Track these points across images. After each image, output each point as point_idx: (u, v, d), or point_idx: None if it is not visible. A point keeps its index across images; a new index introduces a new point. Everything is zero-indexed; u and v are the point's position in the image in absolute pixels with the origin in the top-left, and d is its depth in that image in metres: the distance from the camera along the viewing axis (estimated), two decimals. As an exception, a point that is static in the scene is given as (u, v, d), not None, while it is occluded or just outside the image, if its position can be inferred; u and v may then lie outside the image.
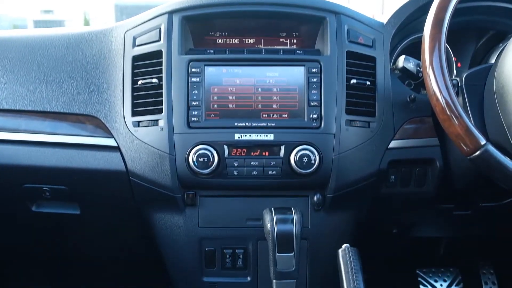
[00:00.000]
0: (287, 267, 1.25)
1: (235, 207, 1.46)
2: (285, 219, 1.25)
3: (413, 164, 1.48)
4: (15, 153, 1.43)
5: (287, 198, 1.45)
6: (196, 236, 1.47)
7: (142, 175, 1.40)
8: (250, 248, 1.49)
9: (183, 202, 1.43)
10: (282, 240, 1.23)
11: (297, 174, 1.37)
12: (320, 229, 1.47)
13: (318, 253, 1.49)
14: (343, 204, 1.46)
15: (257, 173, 1.38)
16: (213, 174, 1.37)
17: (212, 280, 1.51)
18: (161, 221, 1.48)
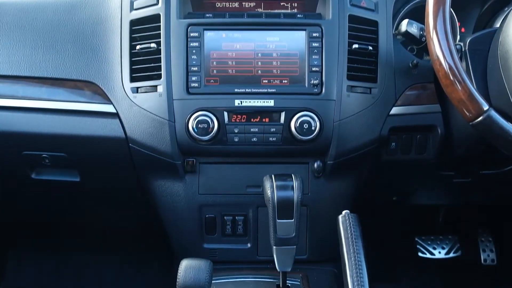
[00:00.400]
0: (287, 233, 1.25)
1: (235, 174, 1.46)
2: (285, 186, 1.25)
3: (414, 131, 1.46)
4: (13, 120, 1.42)
5: (287, 165, 1.44)
6: (196, 203, 1.47)
7: (141, 142, 1.39)
8: (250, 215, 1.49)
9: (183, 169, 1.43)
10: (282, 207, 1.23)
11: (298, 141, 1.36)
12: (320, 196, 1.47)
13: (318, 219, 1.49)
14: (343, 171, 1.45)
15: (257, 140, 1.37)
16: (213, 141, 1.36)
17: (213, 246, 1.51)
18: (161, 188, 1.47)
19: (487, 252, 2.22)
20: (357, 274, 1.03)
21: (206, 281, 1.08)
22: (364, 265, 1.04)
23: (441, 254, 2.22)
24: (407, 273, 2.25)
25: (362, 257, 1.05)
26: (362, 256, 1.06)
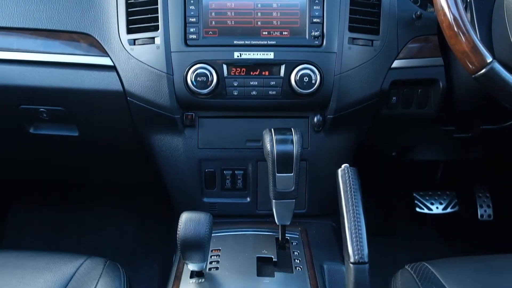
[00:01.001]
0: (286, 187, 1.25)
1: (234, 128, 1.45)
2: (285, 140, 1.24)
3: (416, 85, 1.44)
4: (9, 73, 1.39)
5: (286, 119, 1.43)
6: (196, 157, 1.46)
7: (139, 96, 1.37)
8: (250, 169, 1.49)
9: (182, 123, 1.42)
10: (281, 160, 1.23)
11: (297, 95, 1.35)
12: (320, 150, 1.46)
13: (317, 174, 1.49)
14: (343, 125, 1.44)
15: (257, 93, 1.35)
16: (212, 94, 1.35)
17: (212, 201, 1.52)
18: (160, 143, 1.47)
19: (484, 208, 2.24)
20: (355, 227, 1.03)
21: (206, 234, 1.08)
22: (363, 217, 1.04)
23: (439, 209, 2.24)
24: (404, 228, 2.27)
25: (360, 210, 1.05)
26: (360, 208, 1.06)
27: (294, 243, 1.36)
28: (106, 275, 1.16)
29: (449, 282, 1.15)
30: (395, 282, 1.18)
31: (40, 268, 1.18)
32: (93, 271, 1.17)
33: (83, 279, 1.15)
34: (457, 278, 1.16)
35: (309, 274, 1.24)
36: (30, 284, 1.13)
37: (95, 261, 1.21)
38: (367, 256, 1.00)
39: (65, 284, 1.14)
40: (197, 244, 1.08)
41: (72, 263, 1.20)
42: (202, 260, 1.13)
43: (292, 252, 1.31)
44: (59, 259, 1.21)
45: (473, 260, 1.25)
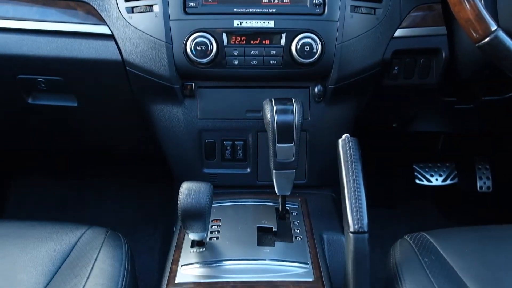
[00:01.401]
0: (286, 158, 1.24)
1: (234, 99, 1.43)
2: (285, 110, 1.23)
3: (418, 54, 1.43)
4: (5, 41, 1.37)
5: (287, 89, 1.42)
6: (196, 128, 1.45)
7: (138, 65, 1.35)
8: (250, 139, 1.48)
9: (181, 93, 1.40)
10: (282, 131, 1.22)
11: (298, 64, 1.33)
12: (320, 121, 1.46)
13: (317, 145, 1.48)
14: (344, 95, 1.43)
15: (257, 63, 1.34)
16: (212, 64, 1.33)
17: (212, 171, 1.52)
18: (160, 113, 1.46)
19: (483, 180, 2.24)
20: (355, 196, 1.03)
21: (206, 204, 1.08)
22: (363, 187, 1.04)
23: (438, 181, 2.25)
24: (404, 200, 2.28)
25: (360, 180, 1.05)
26: (360, 179, 1.05)
27: (294, 213, 1.36)
28: (107, 244, 1.17)
29: (447, 251, 1.15)
30: (394, 252, 1.19)
31: (42, 237, 1.18)
32: (94, 241, 1.18)
33: (84, 248, 1.16)
34: (455, 248, 1.17)
35: (308, 243, 1.24)
36: (32, 253, 1.14)
37: (96, 231, 1.21)
38: (366, 225, 1.00)
39: (67, 254, 1.15)
40: (198, 214, 1.09)
41: (74, 232, 1.20)
42: (203, 230, 1.13)
43: (292, 222, 1.32)
44: (61, 229, 1.21)
45: (471, 231, 1.26)
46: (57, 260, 1.13)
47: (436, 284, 1.06)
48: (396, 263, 1.14)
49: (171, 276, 1.14)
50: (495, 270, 1.09)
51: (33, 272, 1.09)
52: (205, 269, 1.15)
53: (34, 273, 1.09)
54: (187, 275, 1.14)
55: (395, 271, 1.12)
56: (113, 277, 1.09)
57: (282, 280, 1.12)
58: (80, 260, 1.12)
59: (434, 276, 1.08)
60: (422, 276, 1.08)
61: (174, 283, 1.12)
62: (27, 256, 1.12)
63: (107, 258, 1.12)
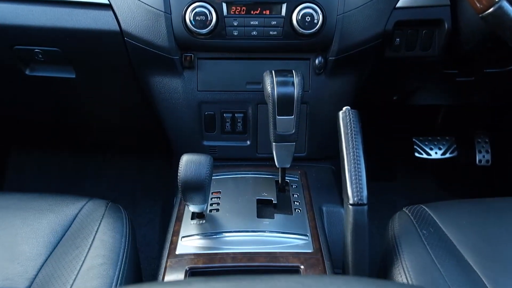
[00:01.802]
0: (286, 130, 1.24)
1: (234, 70, 1.42)
2: (286, 82, 1.22)
3: (420, 26, 1.41)
4: (1, 11, 1.34)
5: (287, 61, 1.41)
6: (195, 100, 1.44)
7: (137, 36, 1.34)
8: (250, 112, 1.47)
9: (181, 64, 1.39)
10: (282, 103, 1.21)
11: (299, 35, 1.32)
12: (321, 93, 1.45)
13: (317, 117, 1.48)
14: (345, 67, 1.42)
15: (257, 34, 1.32)
16: (211, 34, 1.32)
17: (212, 144, 1.52)
18: (159, 85, 1.44)
19: (483, 153, 2.24)
20: (355, 169, 1.03)
21: (206, 176, 1.08)
22: (363, 160, 1.04)
23: (438, 154, 2.25)
24: (403, 173, 2.29)
25: (360, 152, 1.05)
26: (361, 151, 1.05)
27: (293, 186, 1.36)
28: (108, 216, 1.17)
29: (445, 224, 1.16)
30: (392, 224, 1.20)
31: (43, 209, 1.19)
32: (95, 212, 1.18)
33: (85, 220, 1.16)
34: (453, 220, 1.17)
35: (308, 215, 1.25)
36: (33, 225, 1.14)
37: (97, 203, 1.22)
38: (366, 198, 1.01)
39: (68, 225, 1.16)
40: (198, 186, 1.09)
41: (74, 204, 1.21)
42: (203, 202, 1.14)
43: (291, 194, 1.32)
44: (62, 201, 1.22)
45: (470, 203, 1.26)
46: (58, 232, 1.13)
47: (434, 256, 1.07)
48: (394, 235, 1.15)
49: (171, 247, 1.15)
50: (493, 242, 1.10)
51: (35, 243, 1.10)
52: (205, 241, 1.16)
53: (35, 244, 1.10)
54: (188, 247, 1.15)
55: (394, 243, 1.13)
56: (114, 248, 1.09)
57: (281, 252, 1.13)
58: (81, 231, 1.13)
59: (432, 248, 1.09)
60: (420, 248, 1.09)
61: (175, 254, 1.13)
62: (28, 228, 1.13)
63: (108, 229, 1.12)
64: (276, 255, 1.12)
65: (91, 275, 1.03)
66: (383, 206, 2.12)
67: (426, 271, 1.04)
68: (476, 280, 1.02)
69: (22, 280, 1.03)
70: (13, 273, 1.03)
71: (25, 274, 1.04)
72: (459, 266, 1.05)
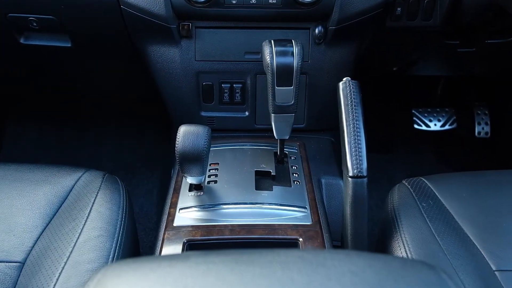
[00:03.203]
0: (286, 101, 1.22)
1: (232, 40, 1.39)
2: (285, 52, 1.19)
3: None
4: None
5: (287, 31, 1.38)
6: (193, 70, 1.42)
7: (133, 4, 1.31)
8: (248, 82, 1.45)
9: (178, 33, 1.36)
10: (281, 73, 1.19)
11: (299, 3, 1.29)
12: (320, 63, 1.42)
13: (317, 88, 1.46)
14: (345, 37, 1.39)
15: (256, 2, 1.29)
16: (209, 3, 1.29)
17: (210, 114, 1.50)
18: (156, 54, 1.42)
19: (482, 125, 2.23)
20: (355, 141, 1.02)
21: (204, 147, 1.07)
22: (363, 132, 1.03)
23: (437, 126, 2.23)
24: (401, 144, 2.28)
25: (361, 124, 1.04)
26: (361, 123, 1.04)
27: (292, 157, 1.35)
28: (105, 187, 1.16)
29: (445, 196, 1.16)
30: (392, 196, 1.19)
31: (39, 180, 1.18)
32: (91, 184, 1.17)
33: (82, 191, 1.15)
34: (453, 193, 1.17)
35: (307, 187, 1.24)
36: (29, 196, 1.13)
37: (93, 174, 1.21)
38: (366, 170, 1.00)
39: (65, 197, 1.15)
40: (196, 157, 1.08)
41: (71, 176, 1.19)
42: (201, 173, 1.13)
43: (290, 166, 1.31)
44: (58, 172, 1.21)
45: (469, 176, 1.26)
46: (54, 204, 1.13)
47: (433, 228, 1.07)
48: (394, 207, 1.15)
49: (169, 219, 1.14)
50: (492, 215, 1.10)
51: (31, 215, 1.09)
52: (203, 213, 1.15)
53: (31, 216, 1.09)
54: (185, 218, 1.14)
55: (393, 215, 1.13)
56: (111, 221, 1.09)
57: (280, 224, 1.12)
58: (78, 203, 1.12)
59: (432, 220, 1.09)
60: (420, 220, 1.09)
61: (173, 226, 1.12)
62: (24, 199, 1.12)
63: (105, 201, 1.12)
64: (275, 228, 1.11)
65: (88, 247, 1.02)
66: (381, 178, 2.12)
67: (425, 244, 1.04)
68: (475, 254, 1.02)
69: (18, 252, 1.02)
70: (9, 245, 1.03)
71: (21, 246, 1.03)
72: (458, 239, 1.05)
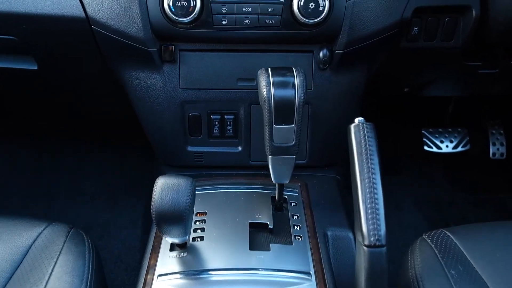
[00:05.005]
0: (285, 141, 1.03)
1: (223, 65, 1.22)
2: (285, 83, 1.01)
3: (443, 13, 1.22)
4: None
5: (286, 54, 1.20)
6: (177, 99, 1.24)
7: (106, 24, 1.13)
8: (242, 113, 1.27)
9: (159, 57, 1.18)
10: (280, 109, 1.00)
11: (301, 25, 1.12)
12: (325, 91, 1.24)
13: (320, 119, 1.28)
14: (354, 61, 1.22)
15: (251, 23, 1.12)
16: (195, 24, 1.11)
17: (198, 149, 1.32)
18: (134, 81, 1.23)
19: (497, 146, 2.06)
20: (371, 200, 0.83)
21: (187, 205, 0.88)
22: (380, 188, 0.85)
23: (449, 148, 2.06)
24: (409, 167, 2.11)
25: (378, 178, 0.86)
26: (378, 176, 0.86)
27: (293, 203, 1.16)
28: (67, 251, 0.96)
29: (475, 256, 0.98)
30: (412, 257, 1.01)
31: None
32: (52, 245, 0.98)
33: (39, 256, 0.96)
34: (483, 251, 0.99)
35: (310, 245, 1.05)
36: None
37: (56, 230, 1.01)
38: (385, 237, 0.82)
39: (19, 261, 0.95)
40: (176, 218, 0.88)
41: (28, 232, 1.00)
42: (183, 234, 0.93)
43: (290, 215, 1.12)
44: (14, 227, 1.02)
45: (500, 227, 1.08)
46: (5, 271, 0.93)
47: None
48: (416, 274, 0.96)
49: None
50: None
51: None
52: (186, 281, 0.95)
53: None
54: None
55: (416, 285, 0.94)
56: None
57: None
58: (33, 272, 0.92)
59: None
60: None
61: None
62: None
63: (65, 272, 0.91)
64: None
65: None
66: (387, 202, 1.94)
67: None
68: None
69: None
70: None
71: None
72: None
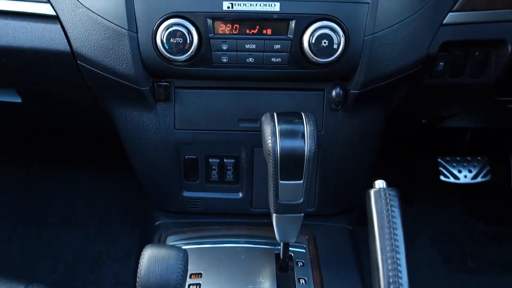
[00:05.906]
0: (292, 199, 0.91)
1: (223, 103, 1.12)
2: (293, 132, 0.90)
3: (473, 47, 1.09)
4: None
5: (294, 92, 1.08)
6: (172, 140, 1.15)
7: (93, 60, 1.03)
8: (243, 157, 1.15)
9: (152, 96, 1.07)
10: (287, 163, 0.88)
11: (312, 64, 0.99)
12: (337, 134, 1.13)
13: (331, 163, 1.16)
14: (370, 101, 1.11)
15: (255, 61, 1.01)
16: (192, 61, 1.00)
17: (194, 195, 1.22)
18: (125, 120, 1.13)
19: None
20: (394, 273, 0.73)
21: (177, 282, 0.76)
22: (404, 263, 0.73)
23: (467, 178, 1.93)
24: (424, 198, 1.98)
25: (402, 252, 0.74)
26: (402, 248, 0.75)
27: (299, 263, 1.05)
28: None
29: None
30: None
31: None
32: None
33: None
34: None
35: None
36: None
37: None
38: None
39: None
40: (165, 296, 0.76)
41: None
42: (173, 311, 0.81)
43: (297, 279, 1.00)
44: None
45: None
46: None
47: None
48: None
49: None
50: None
51: None
52: None
53: None
54: None
55: None
56: None
57: None
58: None
59: None
60: None
61: None
62: None
63: None
64: None
65: None
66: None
67: None
68: None
69: None
70: None
71: None
72: None
